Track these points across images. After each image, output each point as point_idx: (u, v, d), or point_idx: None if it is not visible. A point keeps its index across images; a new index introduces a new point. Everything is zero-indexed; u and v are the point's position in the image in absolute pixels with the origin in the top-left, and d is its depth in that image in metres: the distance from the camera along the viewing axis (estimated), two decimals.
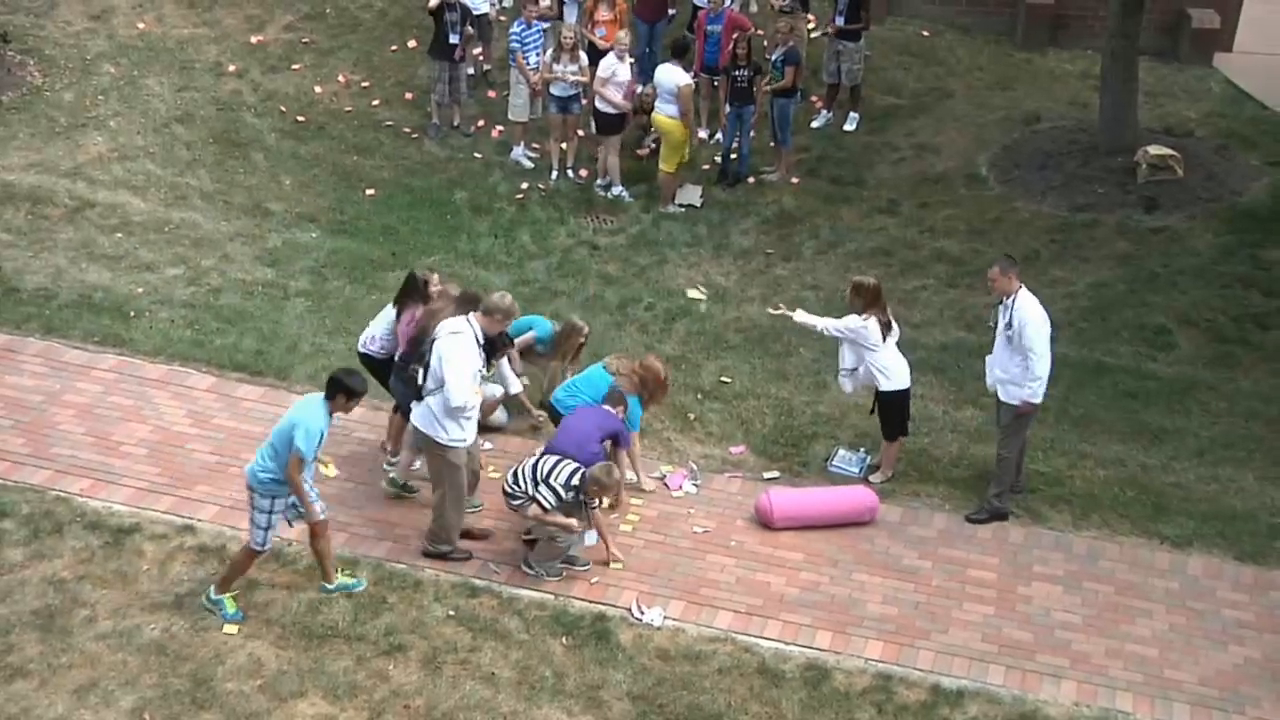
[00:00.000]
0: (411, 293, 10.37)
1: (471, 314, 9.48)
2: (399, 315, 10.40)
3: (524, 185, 15.28)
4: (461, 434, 9.46)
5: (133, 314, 12.42)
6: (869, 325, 10.49)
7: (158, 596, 9.39)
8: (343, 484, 10.52)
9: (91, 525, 9.95)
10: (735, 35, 15.09)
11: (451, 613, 9.41)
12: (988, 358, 10.50)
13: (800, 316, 10.74)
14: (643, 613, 9.49)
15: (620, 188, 15.16)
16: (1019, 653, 9.34)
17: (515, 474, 9.66)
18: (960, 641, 9.41)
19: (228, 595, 9.26)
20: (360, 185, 15.09)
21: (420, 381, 9.47)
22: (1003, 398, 10.28)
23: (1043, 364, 9.99)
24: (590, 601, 9.59)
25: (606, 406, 10.16)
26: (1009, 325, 10.08)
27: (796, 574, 9.95)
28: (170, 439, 10.89)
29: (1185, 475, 11.12)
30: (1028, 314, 9.98)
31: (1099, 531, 10.47)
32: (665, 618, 9.48)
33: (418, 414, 9.56)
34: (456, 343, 9.30)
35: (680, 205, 15.02)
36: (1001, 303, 10.18)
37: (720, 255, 14.20)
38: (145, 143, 15.34)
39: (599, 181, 15.29)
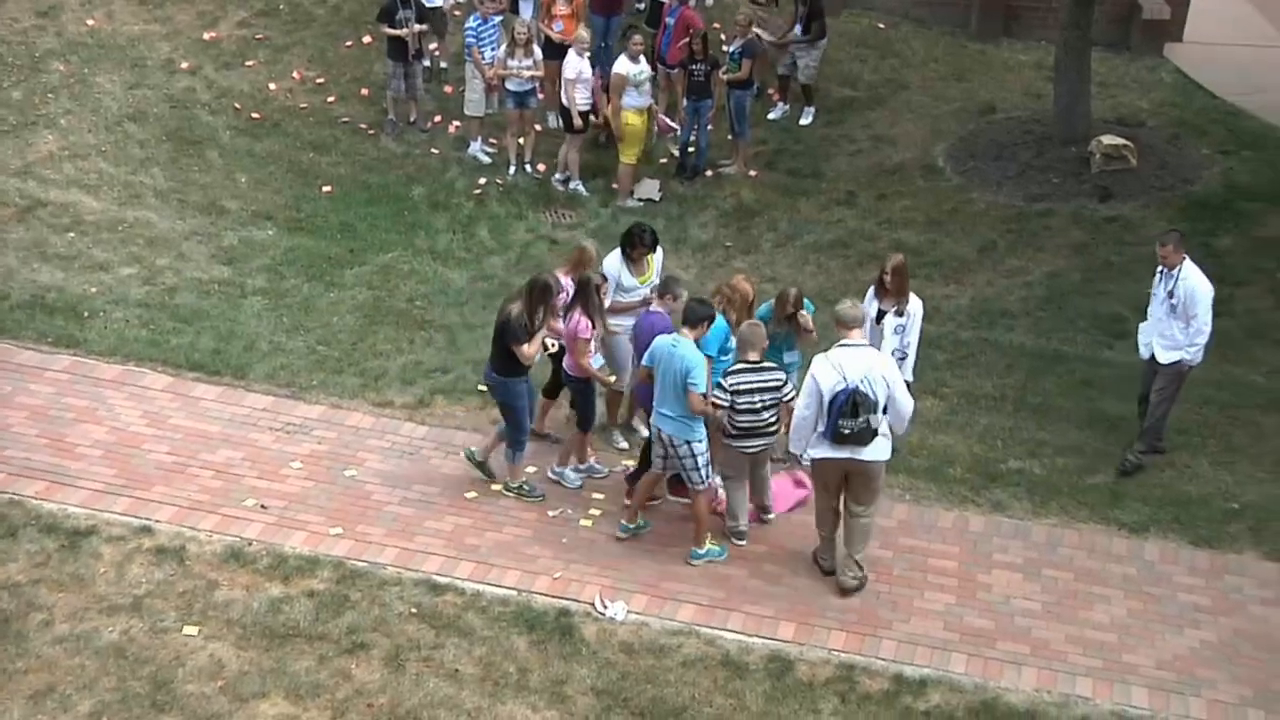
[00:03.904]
0: (581, 297, 10.24)
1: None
2: (565, 318, 10.22)
3: (482, 180, 15.23)
4: None
5: (87, 314, 12.30)
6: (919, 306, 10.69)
7: (116, 599, 9.31)
8: (303, 483, 10.47)
9: (47, 528, 9.84)
10: (691, 33, 15.09)
11: (414, 610, 9.37)
12: (1142, 325, 11.04)
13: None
14: (606, 607, 9.49)
15: (578, 182, 15.13)
16: (980, 641, 9.40)
17: None
18: (922, 630, 9.46)
19: (709, 542, 9.91)
20: (317, 182, 14.99)
21: (866, 423, 9.21)
22: (1162, 360, 10.76)
23: (1207, 328, 10.61)
24: (553, 597, 9.58)
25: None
26: (1172, 293, 10.61)
27: (759, 566, 9.98)
28: (126, 440, 10.79)
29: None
30: (1195, 283, 10.59)
31: (1058, 519, 10.55)
32: (628, 612, 9.48)
33: (880, 449, 9.38)
34: (888, 361, 9.64)
35: (639, 199, 15.02)
36: (1163, 273, 10.72)
37: (679, 249, 14.19)
38: (97, 141, 15.19)
39: (557, 176, 15.26)
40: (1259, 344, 12.68)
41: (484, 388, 11.59)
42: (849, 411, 9.23)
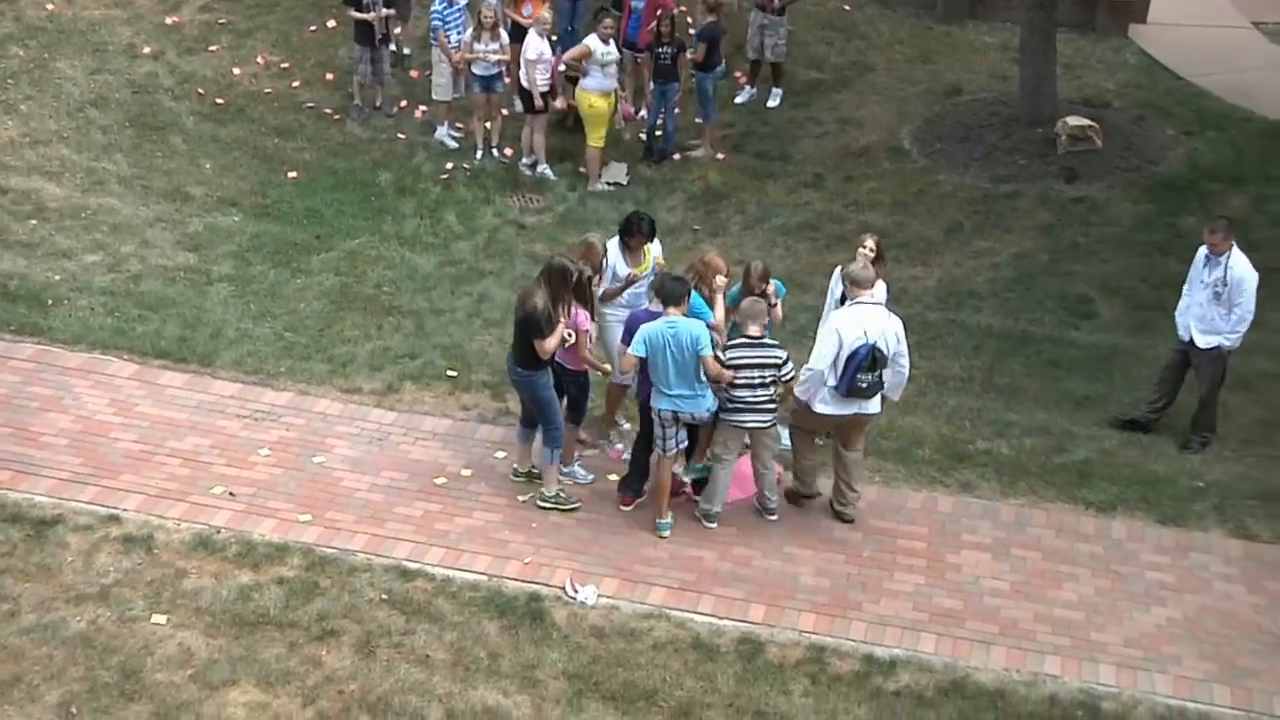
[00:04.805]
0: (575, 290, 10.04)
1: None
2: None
3: (449, 165, 15.17)
4: None
5: (50, 302, 12.19)
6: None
7: (83, 588, 9.24)
8: (272, 470, 10.42)
9: (12, 518, 9.75)
10: (659, 15, 15.07)
11: (384, 596, 9.35)
12: (1179, 307, 11.15)
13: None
14: (576, 591, 9.49)
15: (545, 166, 15.10)
16: (949, 621, 9.45)
17: None
18: (892, 611, 9.50)
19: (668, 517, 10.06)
20: (282, 168, 14.90)
21: (879, 377, 9.71)
22: (1200, 344, 10.94)
23: (1250, 315, 10.81)
24: (524, 581, 9.57)
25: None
26: (1221, 280, 10.74)
27: (729, 549, 10.00)
28: (92, 428, 10.71)
29: (1109, 441, 11.30)
30: (1243, 271, 10.75)
31: (1026, 499, 10.61)
32: (599, 596, 9.49)
33: (879, 400, 9.86)
34: (897, 320, 9.91)
35: (606, 183, 15.00)
36: (1208, 258, 10.87)
37: None
38: (58, 127, 15.04)
39: (524, 160, 15.22)
40: None
41: (446, 372, 11.59)
42: (868, 365, 9.56)
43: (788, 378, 9.82)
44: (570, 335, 9.95)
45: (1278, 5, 18.67)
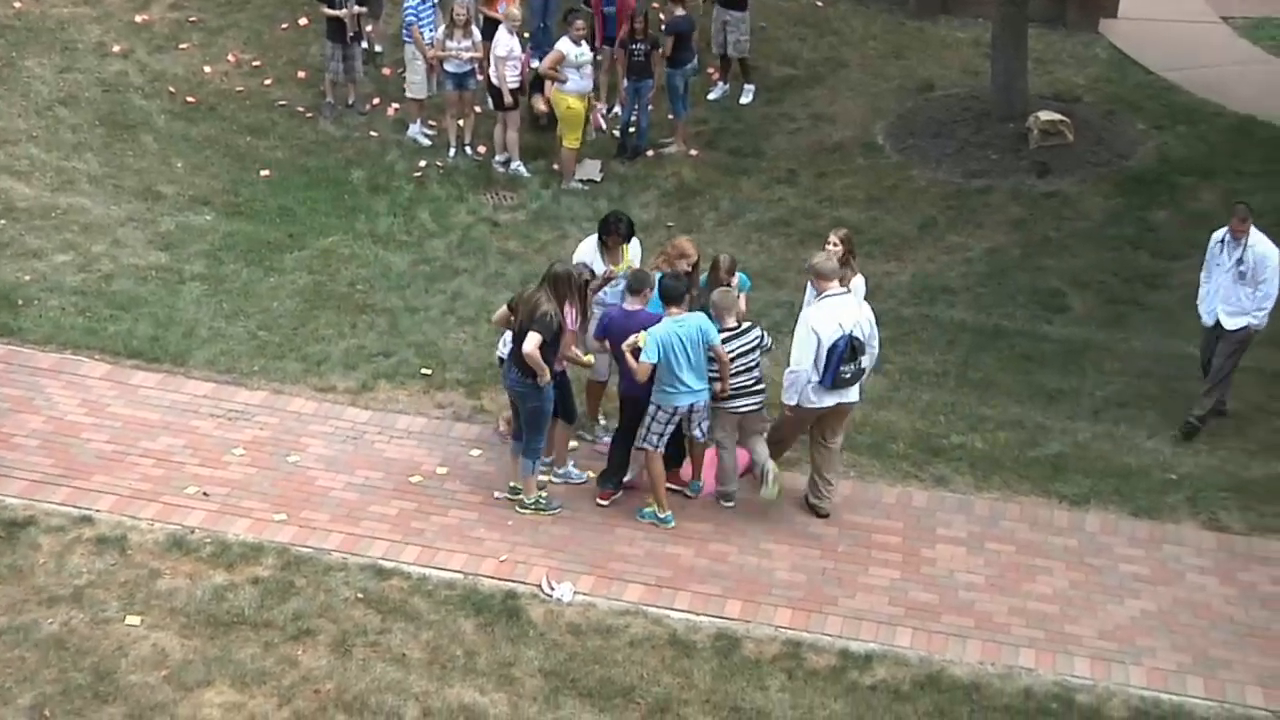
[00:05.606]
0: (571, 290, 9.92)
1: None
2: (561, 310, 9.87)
3: (422, 163, 15.12)
4: None
5: (21, 302, 12.11)
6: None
7: (56, 590, 9.19)
8: (246, 469, 10.38)
9: None
10: (633, 9, 15.07)
11: (360, 595, 9.33)
12: (1201, 294, 11.31)
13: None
14: (552, 589, 9.48)
15: (519, 163, 15.07)
16: (925, 615, 9.49)
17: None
18: (867, 606, 9.53)
19: (653, 507, 10.14)
20: (254, 166, 14.82)
21: (859, 365, 9.81)
22: (1228, 326, 11.06)
23: (1275, 293, 10.89)
24: (500, 579, 9.56)
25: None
26: (1241, 261, 10.87)
27: (705, 545, 10.01)
28: (64, 429, 10.64)
29: (1082, 434, 11.36)
30: (1265, 249, 10.85)
31: (1000, 493, 10.66)
32: (575, 593, 9.49)
33: (859, 388, 10.00)
34: (866, 305, 10.05)
35: (580, 180, 14.98)
36: (1226, 241, 11.02)
37: None
38: (27, 126, 14.93)
39: (498, 158, 15.18)
40: (1195, 317, 12.80)
41: (421, 370, 11.56)
42: (848, 356, 9.67)
43: (770, 346, 10.07)
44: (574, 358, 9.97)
45: (1248, 0, 18.79)
